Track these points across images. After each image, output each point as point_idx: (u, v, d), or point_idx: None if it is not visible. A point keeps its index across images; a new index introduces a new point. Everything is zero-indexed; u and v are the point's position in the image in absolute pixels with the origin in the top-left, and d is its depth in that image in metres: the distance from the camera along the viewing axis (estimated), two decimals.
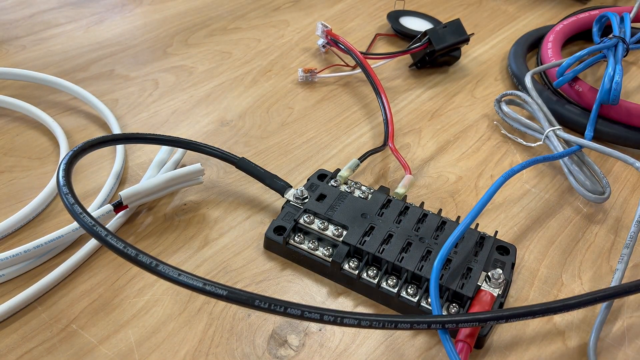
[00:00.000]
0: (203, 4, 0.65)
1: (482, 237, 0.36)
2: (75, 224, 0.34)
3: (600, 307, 0.34)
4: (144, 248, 0.36)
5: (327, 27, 0.55)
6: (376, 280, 0.34)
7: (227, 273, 0.35)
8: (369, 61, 0.52)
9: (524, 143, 0.48)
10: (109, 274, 0.35)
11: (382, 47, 0.61)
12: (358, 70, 0.54)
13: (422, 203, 0.39)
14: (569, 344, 0.33)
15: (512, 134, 0.49)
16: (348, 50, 0.53)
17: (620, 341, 0.34)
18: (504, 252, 0.36)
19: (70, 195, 0.29)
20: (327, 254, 0.35)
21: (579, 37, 0.62)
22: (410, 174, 0.42)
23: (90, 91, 0.47)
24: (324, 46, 0.57)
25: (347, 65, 0.56)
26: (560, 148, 0.45)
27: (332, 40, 0.55)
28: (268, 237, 0.36)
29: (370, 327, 0.28)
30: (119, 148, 0.42)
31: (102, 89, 0.50)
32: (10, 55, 0.53)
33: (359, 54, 0.52)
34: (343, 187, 0.39)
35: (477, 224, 0.38)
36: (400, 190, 0.40)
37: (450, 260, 0.34)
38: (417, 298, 0.33)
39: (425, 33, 0.54)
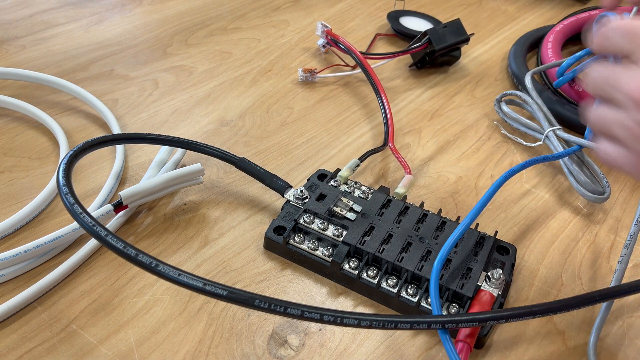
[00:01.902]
0: (203, 4, 0.65)
1: (482, 237, 0.36)
2: (75, 224, 0.34)
3: (600, 307, 0.34)
4: (144, 248, 0.36)
5: (327, 27, 0.55)
6: (376, 280, 0.34)
7: (227, 273, 0.35)
8: (369, 61, 0.52)
9: (524, 143, 0.48)
10: (109, 274, 0.35)
11: (382, 47, 0.61)
12: (358, 71, 0.54)
13: (422, 203, 0.39)
14: (569, 344, 0.33)
15: (512, 134, 0.49)
16: (348, 50, 0.53)
17: (620, 341, 0.34)
18: (504, 252, 0.36)
19: (70, 195, 0.29)
20: (327, 254, 0.35)
21: (579, 37, 0.62)
22: (410, 174, 0.42)
23: (90, 91, 0.47)
24: (324, 46, 0.57)
25: (347, 65, 0.56)
26: (560, 148, 0.45)
27: (332, 40, 0.55)
28: (268, 237, 0.36)
29: (370, 327, 0.28)
30: (119, 148, 0.42)
31: (102, 89, 0.50)
32: (10, 55, 0.53)
33: (358, 54, 0.52)
34: (343, 187, 0.39)
35: (477, 224, 0.38)
36: (400, 190, 0.40)
37: (450, 260, 0.34)
38: (417, 298, 0.33)
39: (425, 33, 0.54)
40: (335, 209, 0.36)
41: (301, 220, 0.36)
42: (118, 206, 0.36)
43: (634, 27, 0.28)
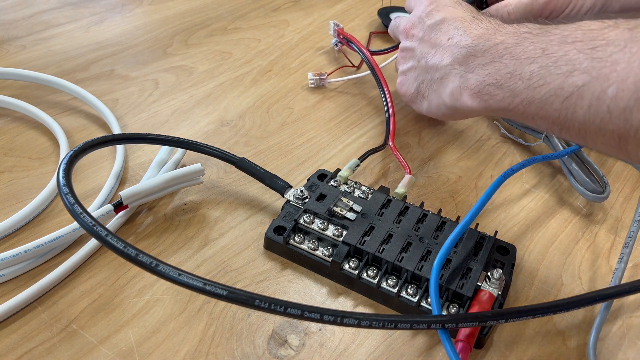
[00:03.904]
0: (203, 4, 0.65)
1: (482, 237, 0.36)
2: (75, 224, 0.34)
3: (600, 307, 0.34)
4: (144, 248, 0.36)
5: (338, 25, 0.55)
6: (376, 280, 0.34)
7: (227, 273, 0.35)
8: (376, 59, 0.52)
9: (524, 143, 0.48)
10: (109, 274, 0.35)
11: (379, 45, 0.61)
12: (366, 72, 0.53)
13: (422, 203, 0.39)
14: (569, 344, 0.33)
15: (511, 133, 0.49)
16: (357, 49, 0.52)
17: (620, 341, 0.34)
18: (504, 252, 0.36)
19: (70, 195, 0.29)
20: (327, 254, 0.35)
21: None
22: (410, 174, 0.42)
23: (90, 91, 0.47)
24: (336, 44, 0.57)
25: (354, 66, 0.55)
26: (560, 147, 0.45)
27: (344, 39, 0.54)
28: (268, 237, 0.36)
29: (370, 327, 0.28)
30: (119, 148, 0.42)
31: (102, 89, 0.50)
32: (10, 55, 0.53)
33: (366, 51, 0.51)
34: (343, 187, 0.39)
35: (477, 224, 0.38)
36: (400, 190, 0.40)
37: (450, 260, 0.34)
38: (417, 298, 0.33)
39: None
40: (335, 209, 0.36)
41: (301, 220, 0.36)
42: (118, 206, 0.36)
43: None
